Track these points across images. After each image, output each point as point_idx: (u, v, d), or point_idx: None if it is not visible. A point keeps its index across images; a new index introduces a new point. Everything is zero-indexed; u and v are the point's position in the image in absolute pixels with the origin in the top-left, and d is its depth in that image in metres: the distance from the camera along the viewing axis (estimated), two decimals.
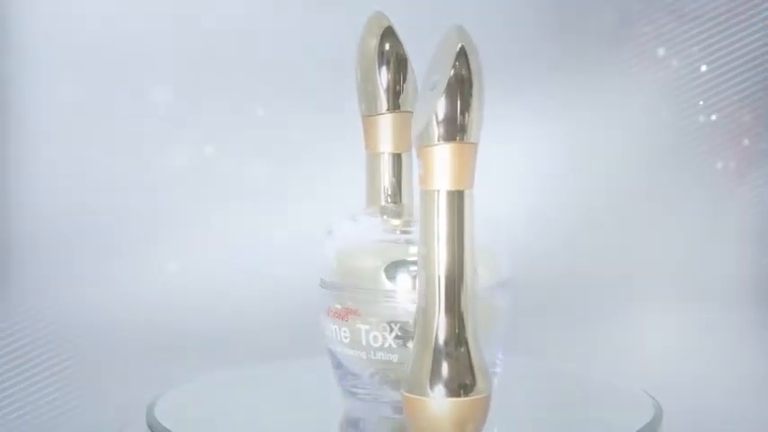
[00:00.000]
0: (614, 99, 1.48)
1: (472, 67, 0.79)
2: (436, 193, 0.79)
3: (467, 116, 0.79)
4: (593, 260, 1.45)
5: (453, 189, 0.79)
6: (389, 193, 0.94)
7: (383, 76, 0.93)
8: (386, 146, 0.94)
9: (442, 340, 0.80)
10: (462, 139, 0.79)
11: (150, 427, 0.90)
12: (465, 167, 0.79)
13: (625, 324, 1.37)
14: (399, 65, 0.93)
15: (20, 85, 1.47)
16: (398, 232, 0.90)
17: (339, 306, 0.89)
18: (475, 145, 0.80)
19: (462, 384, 0.79)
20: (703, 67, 1.47)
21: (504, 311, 0.91)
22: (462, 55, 0.78)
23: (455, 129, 0.78)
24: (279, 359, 1.12)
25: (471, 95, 0.79)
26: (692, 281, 1.43)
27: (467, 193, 0.80)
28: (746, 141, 1.46)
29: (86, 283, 1.43)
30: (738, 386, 1.21)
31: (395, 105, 0.93)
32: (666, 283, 1.43)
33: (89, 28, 1.47)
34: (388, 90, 0.93)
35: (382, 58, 0.93)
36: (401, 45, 0.93)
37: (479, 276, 0.88)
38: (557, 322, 1.35)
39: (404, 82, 0.93)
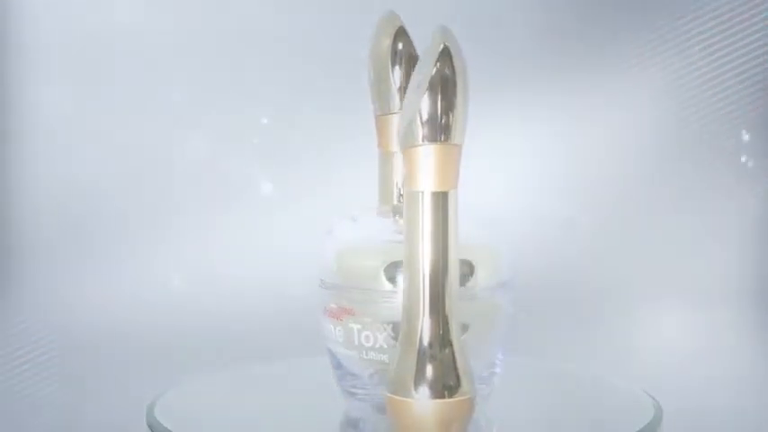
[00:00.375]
0: (615, 99, 1.48)
1: (456, 67, 0.79)
2: (420, 194, 0.79)
3: (451, 116, 0.79)
4: (593, 260, 1.45)
5: (438, 190, 0.79)
6: (402, 192, 0.94)
7: (396, 76, 0.93)
8: (398, 145, 0.94)
9: (426, 342, 0.80)
10: (447, 140, 0.79)
11: (150, 427, 0.90)
12: (449, 168, 0.79)
13: (625, 324, 1.37)
14: (411, 64, 0.93)
15: (20, 86, 1.47)
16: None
17: (335, 305, 0.89)
18: (459, 146, 0.80)
19: (447, 386, 0.79)
20: (703, 68, 1.47)
21: (505, 311, 0.91)
22: (446, 55, 0.79)
23: (439, 129, 0.78)
24: (279, 359, 1.12)
25: (455, 96, 0.79)
26: (693, 281, 1.43)
27: (451, 193, 0.80)
28: (748, 141, 1.46)
29: (86, 283, 1.43)
30: (739, 386, 1.21)
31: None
32: (667, 284, 1.43)
33: (89, 29, 1.47)
34: (401, 89, 0.93)
35: (395, 57, 0.93)
36: (413, 45, 0.93)
37: (479, 276, 0.88)
38: (556, 322, 1.35)
39: None
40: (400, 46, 0.93)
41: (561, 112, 1.48)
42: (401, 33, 0.93)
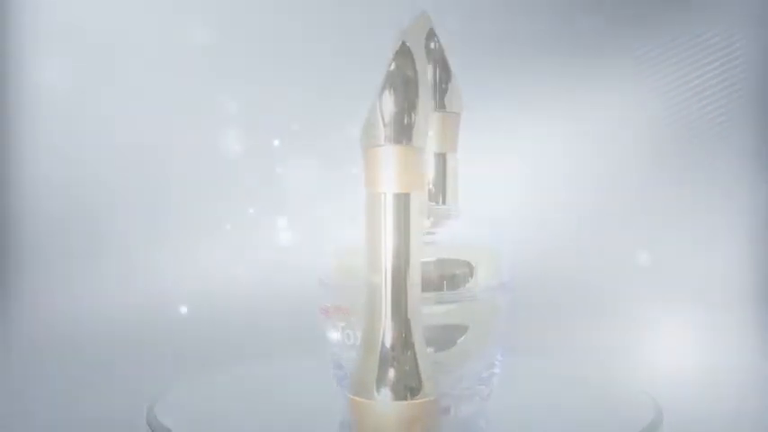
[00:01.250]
0: (614, 101, 1.48)
1: (418, 68, 0.78)
2: (383, 195, 0.79)
3: (413, 117, 0.78)
4: (593, 260, 1.45)
5: (400, 191, 0.79)
6: (433, 192, 0.94)
7: (430, 75, 0.92)
8: (430, 145, 0.93)
9: (388, 344, 0.79)
10: (409, 141, 0.78)
11: (150, 426, 0.90)
12: (412, 169, 0.79)
13: (625, 324, 1.37)
14: (444, 65, 0.93)
15: (21, 87, 1.47)
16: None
17: (329, 303, 0.90)
18: (422, 147, 0.79)
19: (409, 387, 0.79)
20: (699, 69, 1.47)
21: (504, 312, 0.92)
22: (405, 54, 0.78)
23: (400, 130, 0.78)
24: (279, 359, 1.12)
25: (417, 96, 0.78)
26: (693, 281, 1.43)
27: (414, 195, 0.80)
28: (746, 142, 1.47)
29: (86, 283, 1.43)
30: (739, 387, 1.20)
31: (441, 104, 0.93)
32: (667, 284, 1.43)
33: (90, 28, 1.47)
34: (435, 88, 0.92)
35: (429, 57, 0.93)
36: (442, 46, 0.93)
37: (479, 277, 0.88)
38: (556, 324, 1.35)
39: (449, 81, 0.93)
40: (432, 45, 0.93)
41: (561, 114, 1.48)
42: (432, 34, 0.93)
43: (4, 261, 1.45)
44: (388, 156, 0.78)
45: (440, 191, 0.93)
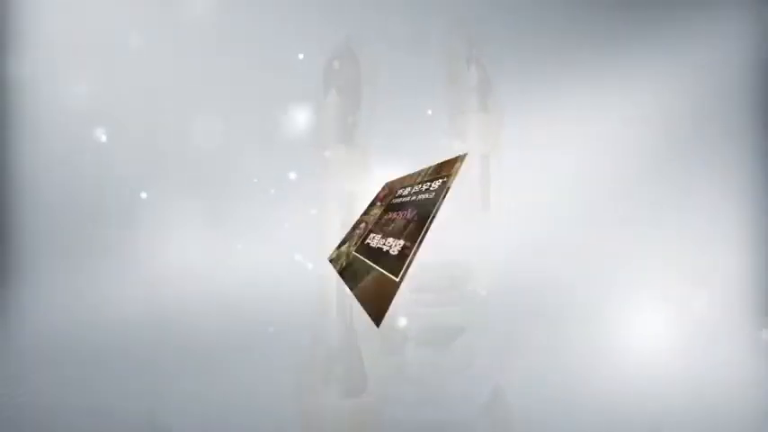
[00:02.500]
0: (614, 101, 1.49)
1: (362, 70, 0.79)
2: (330, 194, 0.80)
3: (356, 117, 0.79)
4: (592, 260, 1.45)
5: (349, 189, 0.80)
6: (476, 191, 0.94)
7: (473, 77, 0.93)
8: (468, 146, 0.94)
9: (334, 344, 0.80)
10: (351, 140, 0.79)
11: (150, 426, 0.91)
12: (357, 168, 0.80)
13: (626, 325, 1.37)
14: (484, 69, 0.93)
15: (21, 86, 1.47)
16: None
17: None
18: (365, 146, 0.80)
19: (354, 386, 0.80)
20: (697, 71, 1.48)
21: (502, 315, 0.92)
22: (349, 56, 0.79)
23: (343, 130, 0.79)
24: (280, 359, 1.12)
25: (360, 96, 0.79)
26: (694, 281, 1.43)
27: (361, 192, 0.80)
28: (745, 140, 1.47)
29: (86, 282, 1.43)
30: (738, 388, 1.21)
31: (482, 107, 0.93)
32: (666, 284, 1.43)
33: (90, 27, 1.48)
34: (475, 90, 0.93)
35: (470, 62, 0.93)
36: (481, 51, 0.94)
37: (477, 279, 0.89)
38: (553, 324, 1.35)
39: (489, 85, 0.94)
40: (473, 51, 0.94)
41: (558, 112, 1.48)
42: (473, 40, 0.94)
43: (4, 260, 1.45)
44: (334, 154, 0.79)
45: (481, 190, 0.94)
